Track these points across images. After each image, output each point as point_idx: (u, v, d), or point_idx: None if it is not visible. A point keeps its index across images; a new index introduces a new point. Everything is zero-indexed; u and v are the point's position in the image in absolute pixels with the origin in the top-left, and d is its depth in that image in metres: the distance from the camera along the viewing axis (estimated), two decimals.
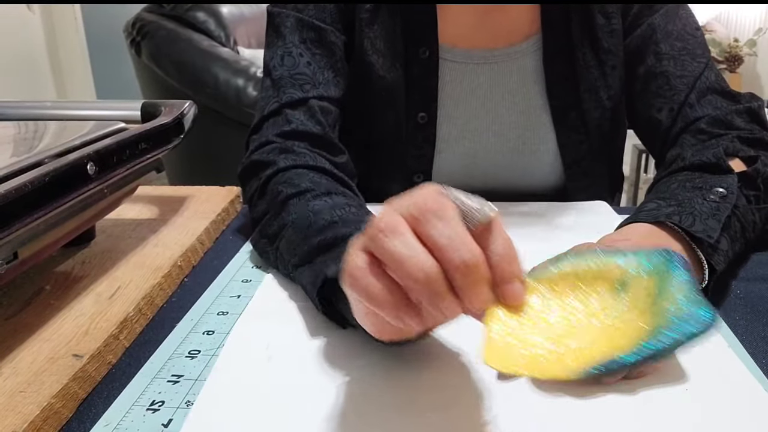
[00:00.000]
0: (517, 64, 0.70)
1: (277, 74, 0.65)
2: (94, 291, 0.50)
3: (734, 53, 2.02)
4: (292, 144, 0.60)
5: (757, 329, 0.45)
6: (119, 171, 0.50)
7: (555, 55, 0.69)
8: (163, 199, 0.70)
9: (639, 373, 0.38)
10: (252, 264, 0.57)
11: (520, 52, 0.70)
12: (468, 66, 0.70)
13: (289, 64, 0.65)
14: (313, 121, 0.63)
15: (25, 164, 0.44)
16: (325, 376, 0.40)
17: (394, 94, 0.68)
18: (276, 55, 0.66)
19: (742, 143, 0.58)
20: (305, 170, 0.57)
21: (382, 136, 0.70)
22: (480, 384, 0.38)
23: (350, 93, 0.69)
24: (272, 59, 0.66)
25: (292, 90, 0.64)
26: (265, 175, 0.57)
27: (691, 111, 0.65)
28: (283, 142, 0.61)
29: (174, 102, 0.64)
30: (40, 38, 2.82)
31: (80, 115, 0.69)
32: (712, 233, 0.46)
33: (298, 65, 0.65)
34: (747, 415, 0.36)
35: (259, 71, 1.89)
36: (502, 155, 0.72)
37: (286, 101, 0.63)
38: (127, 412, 0.37)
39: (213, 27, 2.09)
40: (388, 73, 0.68)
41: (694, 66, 0.67)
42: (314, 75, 0.65)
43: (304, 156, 0.59)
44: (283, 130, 0.62)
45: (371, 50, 0.68)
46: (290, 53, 0.66)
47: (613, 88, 0.70)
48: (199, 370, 0.41)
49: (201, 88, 1.89)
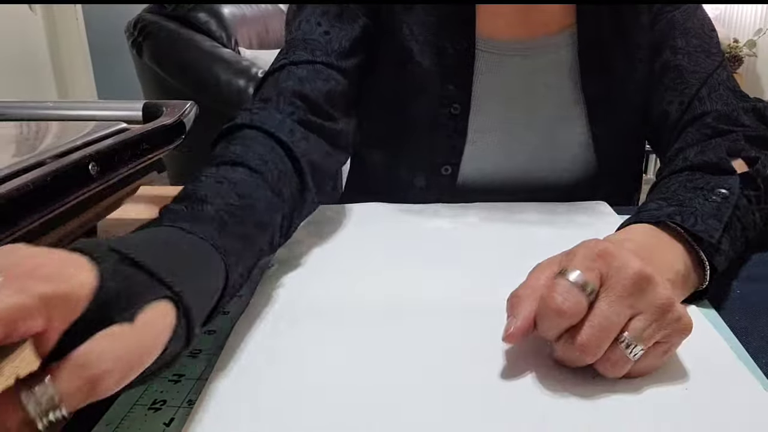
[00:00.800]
0: (552, 55, 0.71)
1: (291, 37, 0.65)
2: None
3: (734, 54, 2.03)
4: (284, 100, 0.59)
5: (757, 329, 0.45)
6: (121, 171, 0.51)
7: (589, 48, 0.70)
8: (165, 199, 0.70)
9: (639, 371, 0.38)
10: None
11: (556, 44, 0.70)
12: (503, 57, 0.70)
13: (306, 30, 0.65)
14: (312, 84, 0.62)
15: (27, 164, 0.44)
16: (326, 377, 0.40)
17: (429, 81, 0.68)
18: (294, 22, 0.66)
19: (746, 142, 0.58)
20: (257, 133, 0.54)
21: (414, 125, 0.69)
22: (482, 383, 0.39)
23: (383, 78, 0.69)
24: (290, 27, 0.66)
25: (301, 51, 0.64)
26: (234, 124, 0.55)
27: (700, 105, 0.66)
28: (276, 97, 0.59)
29: (175, 102, 0.64)
30: (42, 38, 2.82)
31: (82, 116, 0.69)
32: (714, 233, 0.46)
33: (313, 32, 0.65)
34: (747, 414, 0.36)
35: (260, 72, 1.89)
36: (534, 147, 0.72)
37: (293, 60, 0.63)
38: (128, 412, 0.37)
39: (214, 27, 2.09)
40: (425, 59, 0.68)
41: (708, 63, 0.67)
42: (328, 43, 0.65)
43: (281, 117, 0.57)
44: (281, 87, 0.61)
45: (409, 36, 0.68)
46: (308, 21, 0.66)
47: (641, 82, 0.71)
48: (200, 369, 0.41)
49: (202, 89, 1.89)
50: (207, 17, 2.09)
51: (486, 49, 0.69)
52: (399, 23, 0.67)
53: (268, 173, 0.50)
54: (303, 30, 0.65)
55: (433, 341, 0.43)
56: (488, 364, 0.40)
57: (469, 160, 0.71)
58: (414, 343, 0.43)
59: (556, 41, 0.71)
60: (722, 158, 0.55)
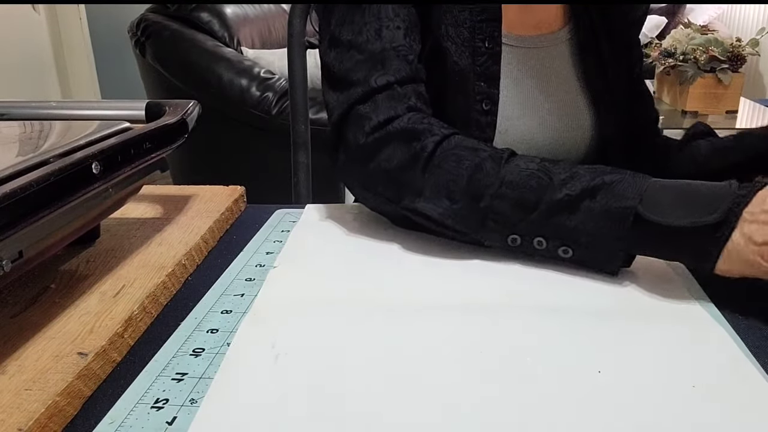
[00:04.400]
0: (558, 49, 0.75)
1: (376, 47, 0.63)
2: (99, 289, 0.50)
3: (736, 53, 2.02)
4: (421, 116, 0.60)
5: (758, 329, 0.45)
6: (124, 170, 0.51)
7: (584, 45, 0.75)
8: (168, 198, 0.71)
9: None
10: (255, 263, 0.57)
11: (559, 38, 0.75)
12: (521, 50, 0.74)
13: (389, 38, 0.63)
14: (422, 100, 0.63)
15: (30, 163, 0.44)
16: (330, 375, 0.40)
17: (466, 80, 0.70)
18: (368, 30, 0.63)
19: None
20: (460, 137, 0.58)
21: (450, 120, 0.70)
22: (483, 381, 0.39)
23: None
24: (361, 33, 0.63)
25: (397, 63, 0.62)
26: (431, 142, 0.56)
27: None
28: (416, 113, 0.60)
29: (178, 102, 0.64)
30: (45, 38, 2.82)
31: (85, 115, 0.69)
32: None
33: (396, 38, 0.63)
34: (756, 412, 0.36)
35: (263, 71, 1.89)
36: (556, 131, 0.75)
37: (399, 77, 0.62)
38: (131, 410, 0.37)
39: (217, 27, 2.09)
40: (462, 59, 0.69)
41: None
42: (411, 47, 0.64)
43: (443, 124, 0.59)
44: (408, 104, 0.61)
45: (446, 36, 0.69)
46: (387, 27, 0.64)
47: (635, 72, 0.80)
48: (203, 368, 0.41)
49: (205, 88, 1.90)
50: (209, 17, 2.09)
51: (507, 42, 0.73)
52: (439, 22, 0.68)
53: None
54: (386, 38, 0.63)
55: (437, 340, 0.43)
56: (489, 363, 0.40)
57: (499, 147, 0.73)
58: (417, 341, 0.43)
59: (559, 36, 0.75)
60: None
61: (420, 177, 0.56)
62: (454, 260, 0.56)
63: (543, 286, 0.51)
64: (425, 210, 0.55)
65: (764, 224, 0.44)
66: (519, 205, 0.52)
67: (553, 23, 0.76)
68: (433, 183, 0.55)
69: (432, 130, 0.57)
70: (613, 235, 0.49)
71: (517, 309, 0.47)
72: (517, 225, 0.52)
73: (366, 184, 0.60)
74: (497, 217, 0.53)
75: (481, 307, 0.48)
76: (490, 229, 0.54)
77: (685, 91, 2.06)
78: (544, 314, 0.46)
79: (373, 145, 0.58)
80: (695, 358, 0.41)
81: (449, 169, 0.55)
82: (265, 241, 0.62)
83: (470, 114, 0.71)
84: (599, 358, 0.41)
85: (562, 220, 0.51)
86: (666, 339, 0.43)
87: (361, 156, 0.59)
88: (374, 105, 0.60)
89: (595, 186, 0.50)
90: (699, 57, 2.02)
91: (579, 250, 0.51)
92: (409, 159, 0.57)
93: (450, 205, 0.54)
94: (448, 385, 0.38)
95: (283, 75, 1.88)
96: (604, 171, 0.51)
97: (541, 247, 0.52)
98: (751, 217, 0.45)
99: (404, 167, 0.57)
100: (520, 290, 0.50)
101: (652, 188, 0.49)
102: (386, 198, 0.59)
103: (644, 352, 0.41)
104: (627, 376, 0.39)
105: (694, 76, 2.03)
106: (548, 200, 0.51)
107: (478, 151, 0.56)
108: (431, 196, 0.55)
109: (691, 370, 0.39)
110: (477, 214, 0.53)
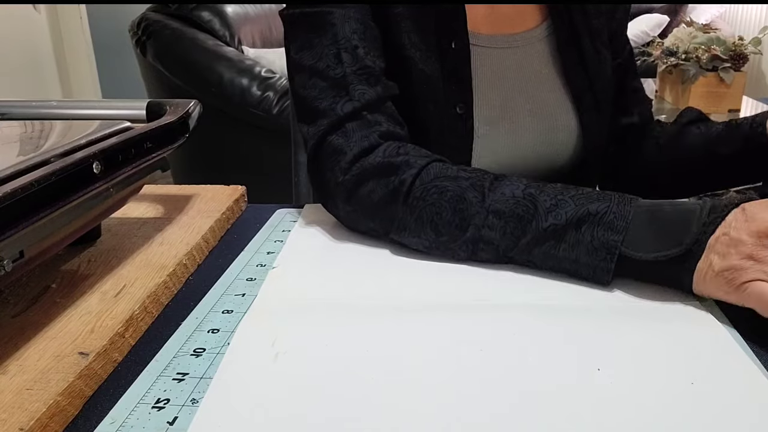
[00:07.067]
0: (536, 47, 0.74)
1: (338, 72, 0.62)
2: (100, 289, 0.50)
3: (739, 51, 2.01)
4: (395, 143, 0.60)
5: (759, 328, 0.45)
6: (125, 170, 0.51)
7: (565, 43, 0.74)
8: (169, 198, 0.71)
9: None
10: (256, 262, 0.57)
11: (536, 36, 0.74)
12: (494, 50, 0.72)
13: (349, 61, 0.62)
14: (393, 121, 0.63)
15: (31, 163, 0.44)
16: (330, 375, 0.40)
17: (434, 85, 0.69)
18: (327, 54, 0.63)
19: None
20: (439, 163, 0.57)
21: (424, 130, 0.70)
22: (483, 379, 0.38)
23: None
24: (321, 59, 0.62)
25: (361, 87, 0.62)
26: (409, 175, 0.56)
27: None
28: (390, 143, 0.59)
29: (179, 101, 0.64)
30: (46, 38, 2.83)
31: (86, 115, 0.69)
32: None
33: (356, 59, 0.63)
34: (755, 409, 0.36)
35: (263, 70, 1.89)
36: (539, 133, 0.74)
37: (365, 101, 0.61)
38: (132, 410, 0.37)
39: (218, 26, 2.09)
40: (427, 65, 0.68)
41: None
42: (374, 64, 0.64)
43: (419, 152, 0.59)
44: (380, 131, 0.60)
45: (409, 44, 0.68)
46: (345, 49, 0.63)
47: (617, 62, 0.79)
48: (204, 368, 0.41)
49: (206, 88, 1.89)
50: (210, 16, 2.09)
51: (476, 43, 0.71)
52: (399, 33, 0.67)
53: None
54: (346, 62, 0.62)
55: (437, 339, 0.43)
56: (489, 362, 0.40)
57: (480, 152, 0.72)
58: (417, 340, 0.43)
59: (536, 34, 0.74)
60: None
61: (402, 210, 0.56)
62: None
63: (542, 285, 0.51)
64: (412, 244, 0.56)
65: (724, 252, 0.45)
66: (509, 234, 0.52)
67: (528, 21, 0.74)
68: (416, 217, 0.55)
69: (408, 161, 0.57)
70: (598, 266, 0.49)
71: (516, 308, 0.47)
72: (508, 251, 0.53)
73: (351, 220, 0.61)
74: (487, 247, 0.53)
75: (481, 306, 0.48)
76: (481, 259, 0.54)
77: (687, 89, 2.06)
78: (543, 312, 0.46)
79: (353, 182, 0.58)
80: (694, 355, 0.41)
81: (432, 202, 0.55)
82: (266, 241, 0.62)
83: (444, 121, 0.70)
84: (598, 355, 0.41)
85: (548, 249, 0.51)
86: (665, 336, 0.43)
87: (343, 194, 0.59)
88: (345, 136, 0.60)
89: (581, 217, 0.50)
90: (701, 56, 2.01)
91: (568, 273, 0.52)
92: (389, 194, 0.57)
93: (436, 238, 0.55)
94: (448, 384, 0.38)
95: (283, 74, 1.88)
96: (590, 197, 0.51)
97: (533, 267, 0.53)
98: (715, 243, 0.46)
99: (386, 202, 0.57)
100: (520, 289, 0.50)
101: (637, 218, 0.48)
102: (374, 230, 0.59)
103: (643, 350, 0.41)
104: (626, 373, 0.39)
105: (696, 74, 2.03)
106: (534, 230, 0.51)
107: (458, 179, 0.55)
108: (416, 230, 0.56)
109: (690, 367, 0.39)
110: (464, 244, 0.54)
